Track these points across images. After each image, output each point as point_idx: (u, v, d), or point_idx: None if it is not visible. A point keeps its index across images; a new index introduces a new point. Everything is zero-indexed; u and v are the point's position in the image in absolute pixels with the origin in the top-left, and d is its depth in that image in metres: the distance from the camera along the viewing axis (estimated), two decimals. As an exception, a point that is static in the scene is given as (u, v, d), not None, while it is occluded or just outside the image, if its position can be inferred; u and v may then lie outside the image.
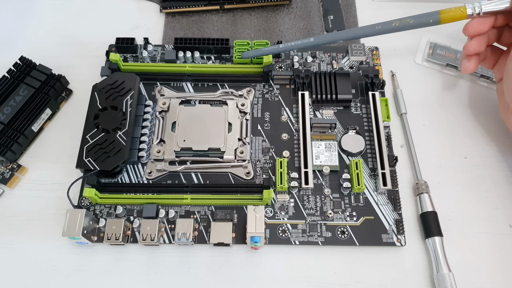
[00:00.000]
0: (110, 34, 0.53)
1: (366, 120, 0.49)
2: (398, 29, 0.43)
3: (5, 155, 0.45)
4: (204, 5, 0.56)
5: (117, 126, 0.45)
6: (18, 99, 0.47)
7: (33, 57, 0.50)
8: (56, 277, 0.42)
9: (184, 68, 0.50)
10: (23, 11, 0.58)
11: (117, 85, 0.47)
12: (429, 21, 0.42)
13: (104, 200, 0.44)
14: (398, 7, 0.57)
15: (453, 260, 0.41)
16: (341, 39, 0.45)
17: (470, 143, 0.48)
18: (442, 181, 0.46)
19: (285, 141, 0.48)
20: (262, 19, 0.57)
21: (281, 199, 0.45)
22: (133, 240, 0.43)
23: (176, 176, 0.46)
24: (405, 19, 0.43)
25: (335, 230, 0.43)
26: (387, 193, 0.45)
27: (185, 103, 0.49)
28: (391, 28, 0.43)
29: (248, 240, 0.41)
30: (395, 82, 0.51)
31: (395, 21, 0.43)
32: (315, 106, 0.50)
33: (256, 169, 0.46)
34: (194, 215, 0.44)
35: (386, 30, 0.44)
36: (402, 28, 0.43)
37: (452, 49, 0.53)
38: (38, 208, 0.45)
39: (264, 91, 0.50)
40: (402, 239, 0.43)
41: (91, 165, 0.43)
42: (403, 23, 0.43)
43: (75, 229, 0.40)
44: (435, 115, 0.50)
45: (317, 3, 0.58)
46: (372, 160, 0.47)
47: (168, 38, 0.55)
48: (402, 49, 0.54)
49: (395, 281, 0.42)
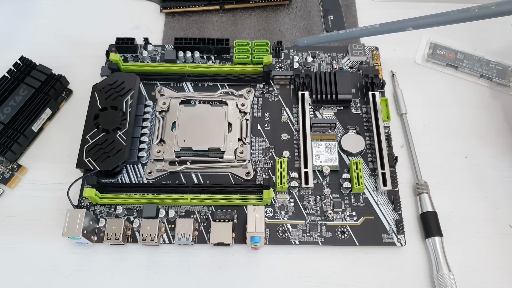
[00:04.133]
0: (110, 34, 0.53)
1: (366, 120, 0.49)
2: (477, 17, 0.38)
3: (5, 155, 0.45)
4: (204, 5, 0.56)
5: (117, 126, 0.45)
6: (18, 99, 0.47)
7: (33, 57, 0.50)
8: (56, 277, 0.42)
9: (184, 68, 0.50)
10: (23, 11, 0.58)
11: (117, 85, 0.47)
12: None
13: (104, 200, 0.44)
14: (398, 7, 0.57)
15: (453, 260, 0.41)
16: (409, 26, 0.41)
17: (470, 143, 0.48)
18: (442, 181, 0.46)
19: (285, 141, 0.48)
20: (262, 19, 0.57)
21: (281, 199, 0.45)
22: (133, 240, 0.43)
23: (176, 176, 0.46)
24: (486, 5, 0.37)
25: (335, 230, 0.43)
26: (387, 193, 0.45)
27: (185, 103, 0.49)
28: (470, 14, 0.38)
29: (248, 240, 0.41)
30: (395, 82, 0.51)
31: (474, 7, 0.38)
32: (315, 106, 0.50)
33: (256, 169, 0.46)
34: (194, 215, 0.44)
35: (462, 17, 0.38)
36: (482, 15, 0.38)
37: (452, 49, 0.53)
38: (38, 208, 0.45)
39: (264, 91, 0.50)
40: (402, 239, 0.43)
41: (91, 165, 0.43)
42: (483, 8, 0.37)
43: (75, 229, 0.40)
44: (435, 115, 0.50)
45: (317, 3, 0.58)
46: (372, 160, 0.47)
47: (168, 38, 0.55)
48: (402, 49, 0.54)
49: (395, 281, 0.42)
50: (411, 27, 0.41)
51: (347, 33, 0.44)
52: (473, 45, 0.54)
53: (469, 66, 0.52)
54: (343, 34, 0.45)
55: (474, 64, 0.52)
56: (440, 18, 0.39)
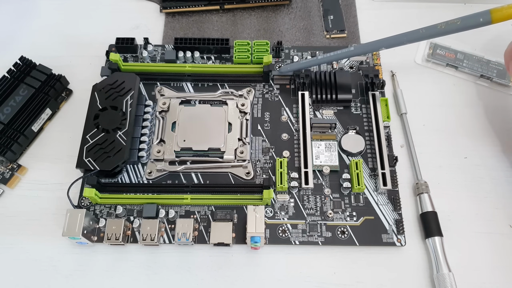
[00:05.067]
0: (110, 34, 0.53)
1: (366, 120, 0.49)
2: (444, 33, 0.40)
3: (5, 155, 0.45)
4: (204, 5, 0.56)
5: (117, 126, 0.45)
6: (18, 99, 0.47)
7: (33, 57, 0.50)
8: (56, 277, 0.42)
9: (184, 68, 0.50)
10: (23, 11, 0.58)
11: (117, 85, 0.47)
12: (479, 20, 0.39)
13: (104, 200, 0.44)
14: (398, 7, 0.57)
15: (453, 260, 0.41)
16: (382, 47, 0.44)
17: (470, 143, 0.48)
18: (442, 181, 0.46)
19: (285, 141, 0.48)
20: (262, 19, 0.57)
21: (281, 199, 0.45)
22: (133, 240, 0.43)
23: (176, 176, 0.46)
24: (451, 21, 0.39)
25: (335, 230, 0.43)
26: (387, 193, 0.45)
27: (185, 103, 0.49)
28: (437, 31, 0.40)
29: (248, 240, 0.41)
30: (395, 82, 0.51)
31: (441, 24, 0.40)
32: (315, 106, 0.50)
33: (256, 169, 0.46)
34: (194, 215, 0.44)
35: (431, 34, 0.41)
36: (449, 31, 0.40)
37: (452, 49, 0.53)
38: (38, 208, 0.45)
39: (264, 91, 0.50)
40: (402, 239, 0.43)
41: (91, 165, 0.43)
42: (449, 25, 0.39)
43: (75, 229, 0.40)
44: (435, 115, 0.50)
45: (317, 3, 0.58)
46: (372, 160, 0.47)
47: (168, 38, 0.55)
48: (402, 49, 0.54)
49: (395, 281, 0.42)
50: (383, 47, 0.44)
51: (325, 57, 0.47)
52: (473, 45, 0.54)
53: (469, 66, 0.52)
54: (321, 59, 0.48)
55: (474, 64, 0.52)
56: (411, 36, 0.42)
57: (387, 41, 0.44)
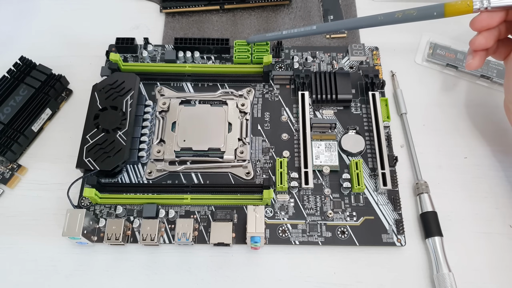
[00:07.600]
0: (110, 34, 0.53)
1: (366, 120, 0.49)
2: (400, 21, 0.42)
3: (5, 155, 0.45)
4: (204, 5, 0.56)
5: (117, 126, 0.45)
6: (18, 99, 0.47)
7: (33, 57, 0.50)
8: (56, 277, 0.42)
9: (184, 68, 0.50)
10: (23, 11, 0.58)
11: (117, 85, 0.47)
12: (433, 13, 0.41)
13: (104, 200, 0.44)
14: (398, 7, 0.57)
15: (453, 260, 0.41)
16: (343, 28, 0.46)
17: (470, 143, 0.48)
18: (442, 181, 0.46)
19: (285, 141, 0.48)
20: (262, 19, 0.57)
21: (281, 199, 0.45)
22: (133, 240, 0.43)
23: (176, 176, 0.46)
24: (408, 10, 0.42)
25: (335, 230, 0.43)
26: (387, 193, 0.45)
27: (185, 103, 0.49)
28: (394, 19, 0.42)
29: (248, 240, 0.41)
30: (395, 82, 0.51)
31: (398, 12, 0.42)
32: (315, 106, 0.50)
33: (256, 169, 0.46)
34: (194, 215, 0.44)
35: (388, 21, 0.43)
36: (405, 19, 0.42)
37: (452, 49, 0.53)
38: (38, 208, 0.45)
39: (264, 91, 0.50)
40: (402, 239, 0.43)
41: (91, 165, 0.43)
42: (406, 14, 0.42)
43: (75, 229, 0.40)
44: (435, 115, 0.50)
45: (317, 3, 0.58)
46: (372, 160, 0.47)
47: (168, 38, 0.55)
48: (402, 49, 0.54)
49: (395, 281, 0.42)
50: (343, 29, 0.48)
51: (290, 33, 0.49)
52: (473, 45, 0.54)
53: (469, 66, 0.52)
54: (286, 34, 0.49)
55: (474, 64, 0.52)
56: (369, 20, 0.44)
57: (347, 23, 0.46)
